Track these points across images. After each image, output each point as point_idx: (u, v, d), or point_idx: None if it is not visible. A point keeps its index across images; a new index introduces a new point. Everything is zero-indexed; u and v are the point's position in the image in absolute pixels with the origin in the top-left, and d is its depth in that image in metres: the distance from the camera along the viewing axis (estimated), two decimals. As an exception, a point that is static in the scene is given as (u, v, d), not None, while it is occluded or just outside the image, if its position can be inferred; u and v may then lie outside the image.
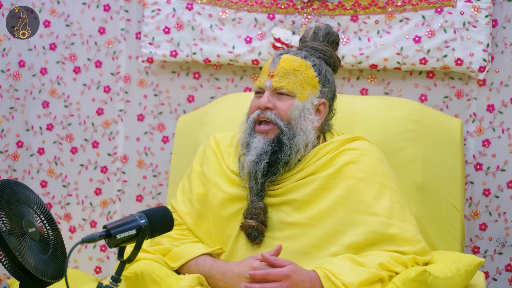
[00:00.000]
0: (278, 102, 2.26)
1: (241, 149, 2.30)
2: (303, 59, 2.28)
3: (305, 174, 2.25)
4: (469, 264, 2.22)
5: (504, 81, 2.82)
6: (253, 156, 2.23)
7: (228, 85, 3.00)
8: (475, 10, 2.76)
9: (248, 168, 2.23)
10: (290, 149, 2.23)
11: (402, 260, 2.12)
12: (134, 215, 1.91)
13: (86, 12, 3.06)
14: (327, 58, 2.35)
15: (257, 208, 2.22)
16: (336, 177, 2.23)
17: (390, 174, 2.28)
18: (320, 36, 2.39)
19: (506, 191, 2.83)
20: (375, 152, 2.29)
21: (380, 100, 2.71)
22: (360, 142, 2.32)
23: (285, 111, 2.24)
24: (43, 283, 1.88)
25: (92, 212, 3.11)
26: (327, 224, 2.18)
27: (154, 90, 3.06)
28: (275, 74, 2.26)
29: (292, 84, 2.25)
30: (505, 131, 2.83)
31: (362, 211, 2.18)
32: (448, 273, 2.11)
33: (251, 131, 2.28)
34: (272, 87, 2.26)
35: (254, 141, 2.26)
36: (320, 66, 2.31)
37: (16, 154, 3.06)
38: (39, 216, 1.98)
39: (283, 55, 2.29)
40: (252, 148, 2.25)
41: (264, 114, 2.25)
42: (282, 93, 2.26)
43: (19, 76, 3.05)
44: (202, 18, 2.93)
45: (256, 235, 2.21)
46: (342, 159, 2.25)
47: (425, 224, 2.54)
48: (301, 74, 2.26)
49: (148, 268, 2.16)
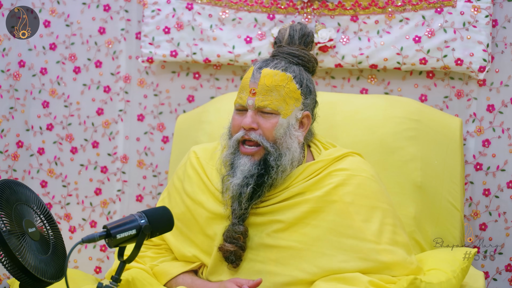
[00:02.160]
0: (262, 121, 2.18)
1: (224, 168, 2.23)
2: (284, 71, 2.20)
3: (291, 193, 2.19)
4: (463, 261, 2.23)
5: (504, 81, 2.82)
6: (239, 179, 2.16)
7: (228, 85, 3.00)
8: (475, 10, 2.76)
9: (232, 192, 2.17)
10: (277, 172, 2.17)
11: (391, 280, 2.08)
12: (134, 215, 1.91)
13: (86, 12, 3.06)
14: (305, 63, 2.28)
15: (237, 233, 2.16)
16: (325, 200, 2.17)
17: (381, 192, 2.22)
18: (296, 39, 2.31)
19: (506, 191, 2.83)
20: (365, 171, 2.22)
21: (380, 99, 2.71)
22: (350, 159, 2.24)
23: (270, 130, 2.17)
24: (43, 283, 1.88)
25: (92, 212, 3.11)
26: (314, 248, 2.13)
27: (154, 90, 3.06)
28: (257, 92, 2.17)
29: (276, 101, 2.17)
30: (505, 131, 2.83)
31: (350, 235, 2.12)
32: (442, 278, 2.10)
33: (235, 151, 2.21)
34: (255, 106, 2.17)
35: (240, 162, 2.19)
36: (301, 76, 2.23)
37: (16, 154, 3.06)
38: (39, 216, 1.98)
39: (263, 70, 2.19)
40: (238, 171, 2.18)
41: (249, 135, 2.18)
42: (265, 112, 2.18)
43: (19, 76, 3.05)
44: (202, 18, 2.93)
45: (233, 260, 2.17)
46: (331, 181, 2.18)
47: (425, 223, 2.54)
48: (283, 89, 2.18)
49: (140, 276, 2.16)
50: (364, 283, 2.03)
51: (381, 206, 2.18)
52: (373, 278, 2.06)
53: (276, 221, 2.18)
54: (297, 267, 2.13)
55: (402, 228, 2.22)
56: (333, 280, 2.07)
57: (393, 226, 2.17)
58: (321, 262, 2.12)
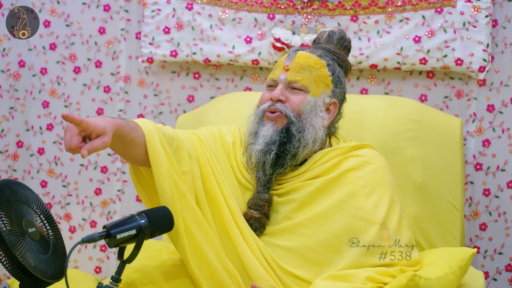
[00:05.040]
0: (290, 95, 2.26)
1: (248, 138, 2.30)
2: (318, 57, 2.29)
3: (309, 176, 2.25)
4: (461, 259, 2.22)
5: (504, 81, 2.82)
6: (260, 145, 2.23)
7: (228, 85, 3.00)
8: (475, 10, 2.76)
9: (255, 158, 2.24)
10: (299, 141, 2.23)
11: (389, 272, 2.11)
12: (134, 215, 1.91)
13: (86, 12, 3.06)
14: (340, 61, 2.37)
15: (262, 200, 2.22)
16: (337, 182, 2.22)
17: (393, 184, 2.27)
18: (334, 40, 2.41)
19: (506, 191, 2.83)
20: (380, 161, 2.28)
21: (380, 100, 2.71)
22: (366, 150, 2.31)
23: (297, 104, 2.25)
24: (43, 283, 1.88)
25: (92, 212, 3.11)
26: (325, 228, 2.17)
27: (154, 90, 3.06)
28: (290, 68, 2.27)
29: (307, 79, 2.25)
30: (505, 131, 2.83)
31: (361, 217, 2.17)
32: (439, 273, 2.10)
33: (259, 120, 2.28)
34: (287, 81, 2.26)
35: (262, 129, 2.26)
36: (334, 67, 2.32)
37: (16, 154, 3.06)
38: (39, 216, 1.98)
39: (299, 51, 2.30)
40: (260, 137, 2.25)
41: (275, 106, 2.25)
42: (295, 88, 2.26)
43: (19, 76, 3.05)
44: (202, 18, 2.93)
45: (257, 227, 2.22)
46: (345, 165, 2.25)
47: (425, 223, 2.54)
48: (315, 71, 2.27)
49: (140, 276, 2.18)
50: (361, 279, 2.06)
51: (392, 197, 2.22)
52: (370, 273, 2.08)
53: (290, 200, 2.24)
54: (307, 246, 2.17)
55: (408, 223, 2.24)
56: (330, 278, 2.09)
57: (400, 218, 2.21)
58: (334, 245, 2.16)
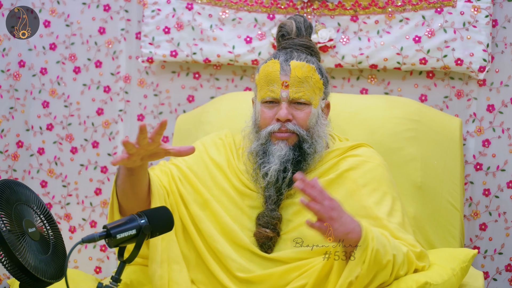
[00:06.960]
0: (296, 112, 2.23)
1: (254, 158, 2.26)
2: (307, 63, 2.26)
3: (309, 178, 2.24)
4: (463, 261, 2.22)
5: (504, 81, 2.82)
6: (276, 165, 2.20)
7: (228, 85, 3.00)
8: (475, 10, 2.76)
9: (270, 177, 2.20)
10: (313, 158, 2.23)
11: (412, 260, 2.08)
12: (134, 215, 1.91)
13: (86, 12, 3.06)
14: (315, 54, 2.36)
15: (275, 219, 2.20)
16: (336, 183, 2.22)
17: (392, 182, 2.26)
18: (303, 31, 2.38)
19: (506, 191, 2.83)
20: (378, 159, 2.28)
21: (380, 99, 2.71)
22: (363, 148, 2.31)
23: (304, 120, 2.23)
24: (43, 283, 1.88)
25: (92, 212, 3.11)
26: None
27: (154, 90, 3.06)
28: (290, 84, 2.22)
29: (308, 92, 2.23)
30: (505, 131, 2.83)
31: (363, 215, 2.15)
32: (444, 276, 2.10)
33: (266, 142, 2.24)
34: (290, 98, 2.22)
35: (275, 148, 2.22)
36: (320, 66, 2.31)
37: (16, 154, 3.06)
38: (39, 216, 1.98)
39: (291, 62, 2.25)
40: (274, 157, 2.21)
41: (286, 126, 2.22)
42: (299, 103, 2.24)
43: (19, 76, 3.05)
44: (202, 18, 2.93)
45: (270, 246, 2.20)
46: (344, 165, 2.24)
47: (425, 224, 2.54)
48: (311, 80, 2.24)
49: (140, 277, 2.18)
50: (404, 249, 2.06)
51: (392, 194, 2.22)
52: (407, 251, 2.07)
53: (291, 203, 2.23)
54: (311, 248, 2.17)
55: (408, 221, 2.24)
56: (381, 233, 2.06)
57: (402, 214, 2.21)
58: None
